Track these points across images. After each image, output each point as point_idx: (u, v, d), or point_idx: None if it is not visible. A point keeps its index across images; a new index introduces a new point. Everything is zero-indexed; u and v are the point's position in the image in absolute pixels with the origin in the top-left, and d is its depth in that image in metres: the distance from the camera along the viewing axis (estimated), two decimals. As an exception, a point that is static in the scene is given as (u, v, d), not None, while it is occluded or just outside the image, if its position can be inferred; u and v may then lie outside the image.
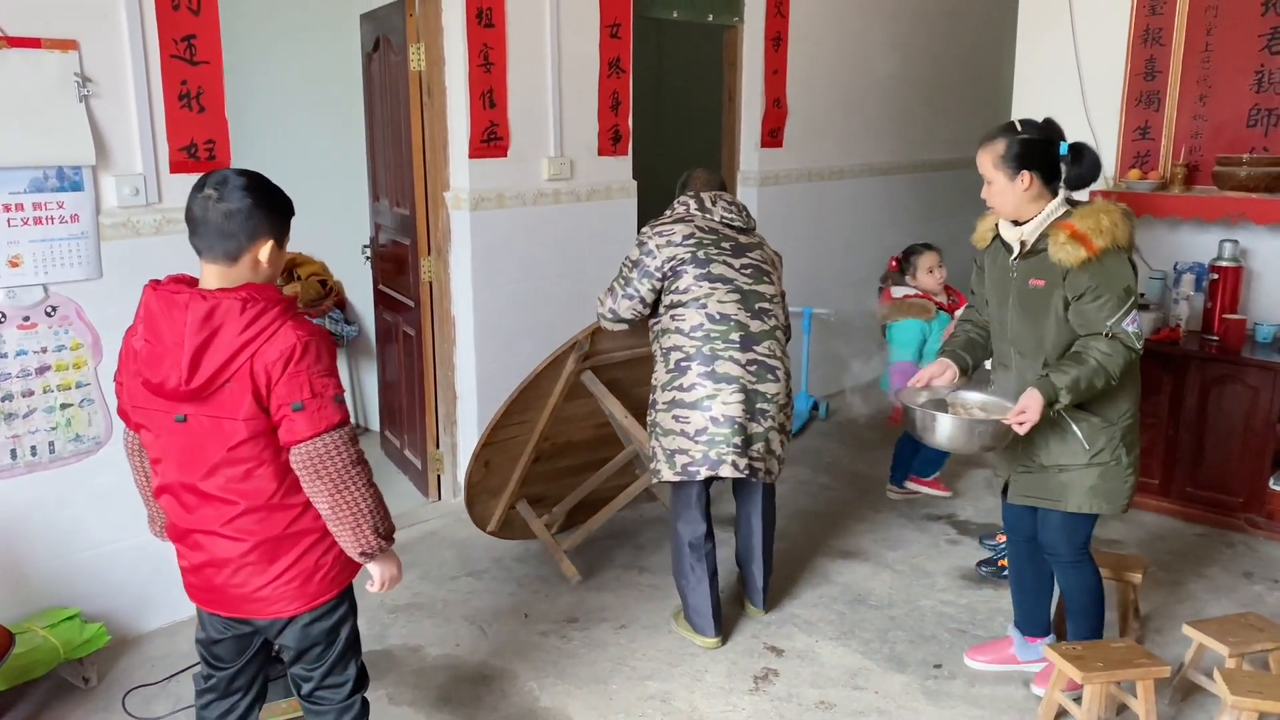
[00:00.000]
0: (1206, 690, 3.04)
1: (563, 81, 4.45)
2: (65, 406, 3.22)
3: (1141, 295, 2.84)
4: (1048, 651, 2.92)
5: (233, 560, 2.15)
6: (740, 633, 3.51)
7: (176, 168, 3.33)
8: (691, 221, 3.31)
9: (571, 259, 4.65)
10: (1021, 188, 2.79)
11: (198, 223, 2.07)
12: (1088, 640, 3.02)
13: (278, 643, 2.30)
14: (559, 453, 3.94)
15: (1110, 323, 2.73)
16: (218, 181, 2.08)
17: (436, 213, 4.34)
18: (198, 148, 3.38)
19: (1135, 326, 2.74)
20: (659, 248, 3.25)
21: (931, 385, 3.01)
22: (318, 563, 2.19)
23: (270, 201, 2.11)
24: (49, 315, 3.15)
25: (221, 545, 2.14)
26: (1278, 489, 4.23)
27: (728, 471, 3.20)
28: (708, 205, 3.35)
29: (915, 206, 6.67)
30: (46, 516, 3.23)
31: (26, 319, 3.12)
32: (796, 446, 5.26)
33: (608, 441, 3.91)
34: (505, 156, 4.31)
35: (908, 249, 4.59)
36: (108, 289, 3.23)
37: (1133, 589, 3.39)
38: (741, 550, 3.58)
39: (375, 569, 2.24)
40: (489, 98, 4.19)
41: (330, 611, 2.26)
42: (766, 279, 3.33)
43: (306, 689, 2.33)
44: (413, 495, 4.72)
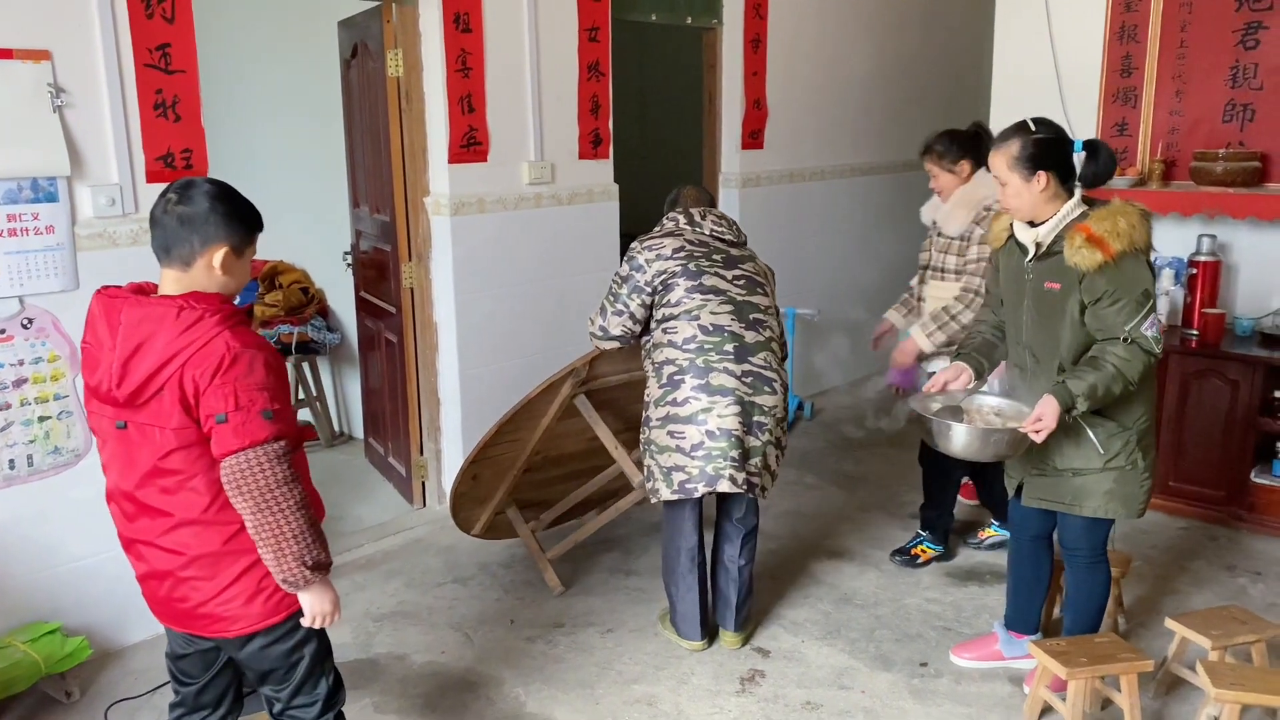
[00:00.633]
0: (1190, 683, 3.05)
1: (542, 85, 4.44)
2: (43, 419, 3.20)
3: None
4: (1032, 648, 2.92)
5: (172, 573, 2.10)
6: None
7: (153, 177, 3.31)
8: (681, 235, 3.26)
9: (554, 263, 4.64)
10: (1038, 188, 2.74)
11: (155, 225, 2.06)
12: (1080, 629, 3.03)
13: (237, 661, 2.25)
14: (551, 463, 3.92)
15: (1129, 327, 2.68)
16: (181, 186, 2.07)
17: (417, 218, 4.32)
18: (174, 157, 3.36)
19: (1154, 330, 2.69)
20: (649, 262, 3.20)
21: (947, 389, 2.97)
22: (261, 583, 2.11)
23: (229, 208, 2.07)
24: (25, 327, 3.13)
25: (160, 557, 2.10)
26: (1260, 482, 4.26)
27: (725, 486, 3.12)
28: (697, 220, 3.31)
29: (896, 206, 6.69)
30: (26, 530, 3.21)
31: (2, 331, 3.10)
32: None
33: (600, 452, 3.89)
34: (485, 161, 4.30)
35: None
36: (85, 300, 3.11)
37: (1116, 584, 3.40)
38: (715, 565, 3.42)
39: (304, 601, 2.13)
40: (468, 102, 4.19)
41: (286, 634, 2.19)
42: (760, 290, 3.27)
43: (277, 709, 2.29)
44: (397, 502, 4.70)
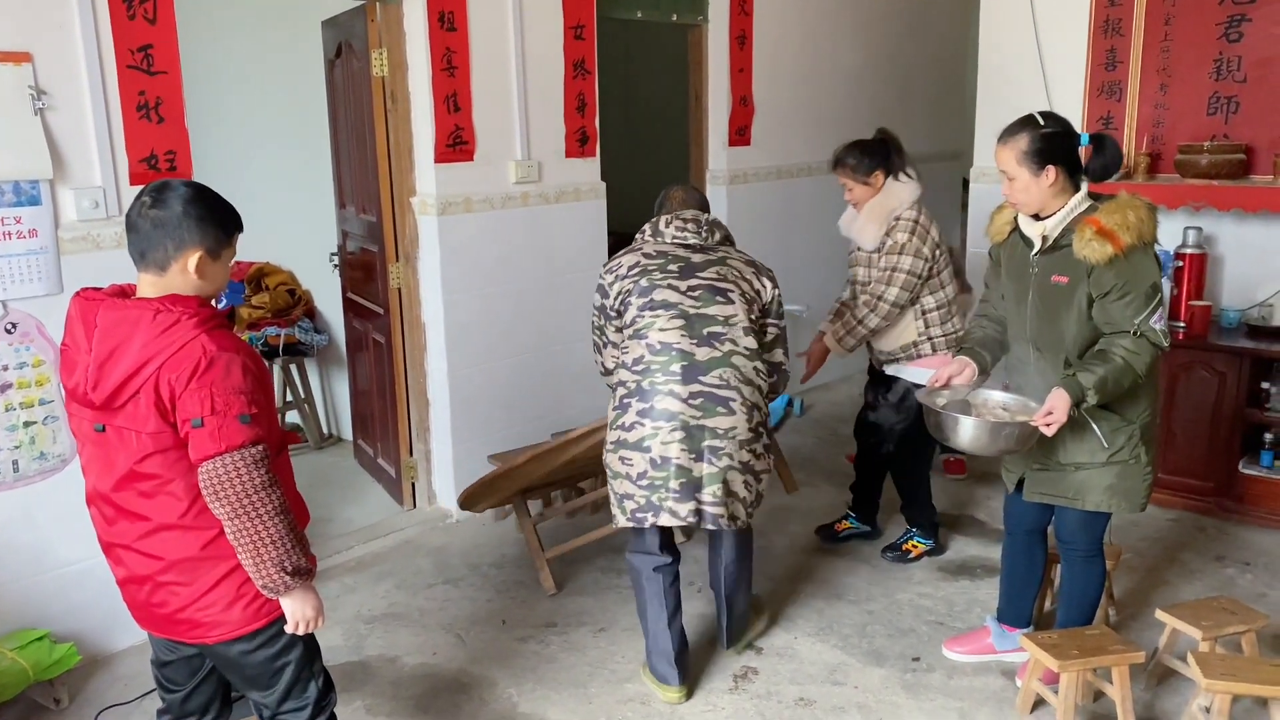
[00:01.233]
0: (1181, 674, 3.06)
1: (528, 84, 4.43)
2: (29, 424, 3.17)
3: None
4: (1024, 641, 2.93)
5: (150, 578, 2.09)
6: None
7: (137, 179, 3.29)
8: (639, 250, 3.08)
9: (541, 262, 4.63)
10: (1047, 183, 2.73)
11: (131, 229, 2.04)
12: (1073, 622, 3.04)
13: (220, 668, 2.23)
14: (567, 470, 3.90)
15: (1138, 321, 2.68)
16: (155, 189, 2.05)
17: (403, 218, 4.31)
18: (158, 159, 3.34)
19: (1162, 324, 2.70)
20: (609, 285, 3.05)
21: (951, 384, 2.96)
22: (240, 589, 2.09)
23: (204, 211, 2.04)
24: (9, 332, 3.10)
25: (138, 561, 2.09)
26: (1248, 473, 4.28)
27: (666, 520, 2.89)
28: (661, 228, 3.11)
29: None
30: (12, 537, 3.18)
31: (-14, 336, 3.07)
32: (772, 444, 5.26)
33: None
34: (471, 160, 4.29)
35: None
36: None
37: (1106, 576, 3.41)
38: (712, 583, 3.33)
39: (286, 606, 2.11)
40: (453, 102, 4.17)
41: (269, 640, 2.17)
42: (721, 299, 2.96)
43: (266, 715, 2.27)
44: (387, 504, 4.69)
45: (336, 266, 5.06)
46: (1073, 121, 4.70)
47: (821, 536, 4.20)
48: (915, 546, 3.99)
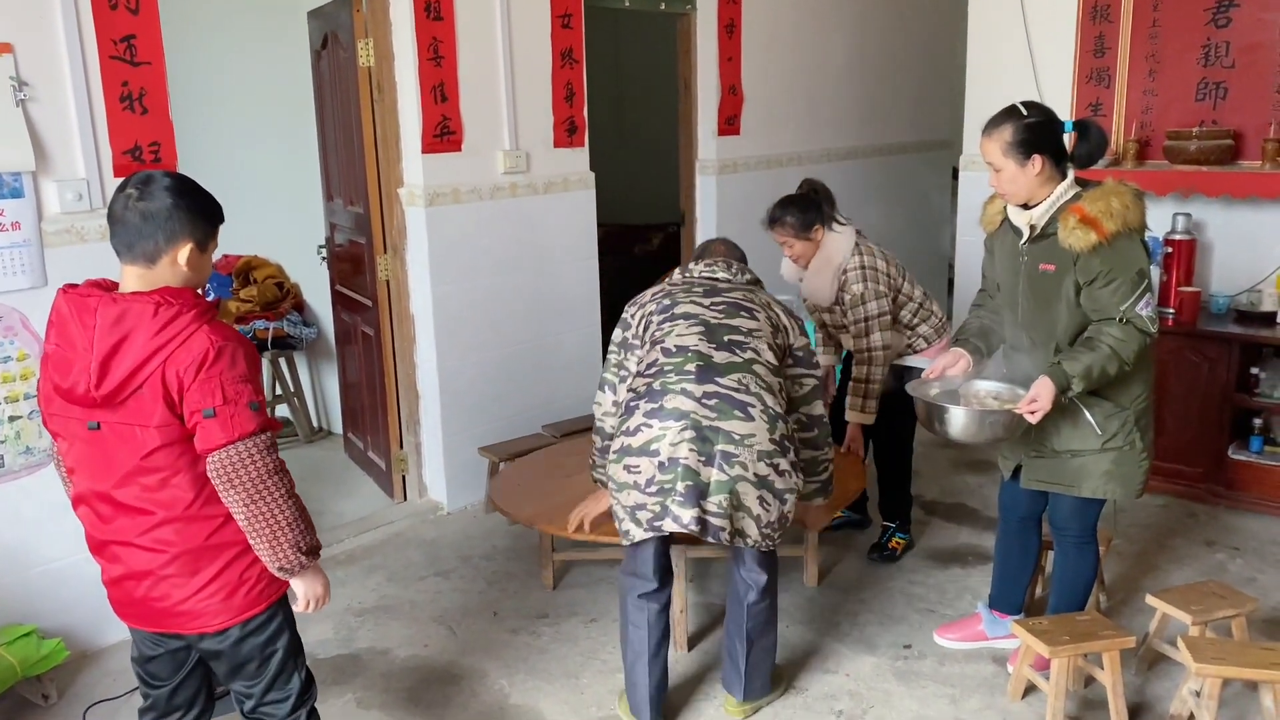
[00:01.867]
0: (1172, 659, 3.07)
1: (515, 73, 4.40)
2: (14, 419, 3.15)
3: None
4: (1015, 627, 2.93)
5: (152, 572, 2.08)
6: (710, 621, 3.49)
7: (121, 171, 3.26)
8: (665, 282, 3.00)
9: (530, 252, 4.61)
10: (1034, 172, 2.73)
11: (116, 222, 2.02)
12: (1066, 609, 3.05)
13: (209, 658, 2.22)
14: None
15: (1124, 307, 2.68)
16: (140, 181, 2.03)
17: (391, 210, 4.28)
18: (142, 150, 3.31)
19: (1149, 310, 2.69)
20: (633, 316, 2.91)
21: (945, 375, 2.97)
22: (242, 576, 2.11)
23: (192, 203, 2.04)
24: (-7, 326, 3.08)
25: (139, 556, 2.08)
26: (1237, 458, 4.29)
27: (669, 526, 2.63)
28: (691, 267, 3.01)
29: (874, 190, 6.69)
30: (-2, 532, 3.17)
31: (-31, 331, 3.05)
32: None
33: None
34: (459, 151, 4.27)
35: None
36: (52, 297, 3.13)
37: (1100, 562, 3.42)
38: (728, 621, 2.97)
39: (298, 586, 2.15)
40: (440, 91, 4.14)
41: (262, 626, 2.17)
42: (746, 314, 2.80)
43: (248, 706, 2.26)
44: (378, 496, 4.67)
45: (325, 259, 5.04)
46: (1062, 108, 4.77)
47: None
48: (899, 543, 3.98)
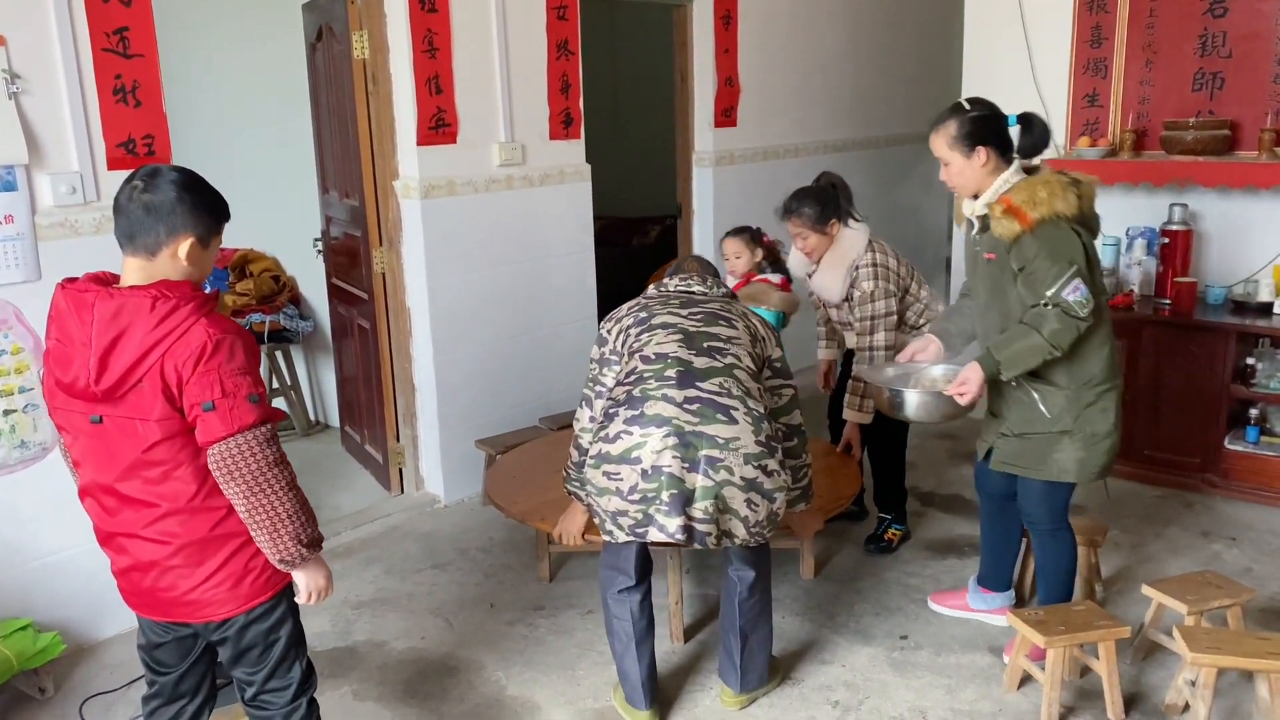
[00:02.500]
0: (1167, 648, 3.07)
1: (510, 65, 4.39)
2: (9, 413, 3.14)
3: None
4: (1010, 618, 2.94)
5: (158, 563, 2.09)
6: (706, 612, 3.49)
7: (114, 164, 3.25)
8: (642, 297, 2.96)
9: (526, 245, 4.60)
10: (979, 163, 2.82)
11: (120, 213, 2.03)
12: (1054, 599, 3.07)
13: (216, 644, 2.24)
14: None
15: (1049, 293, 2.73)
16: (147, 174, 2.04)
17: (386, 203, 4.27)
18: (136, 143, 3.30)
19: (1078, 295, 2.72)
20: (609, 331, 2.87)
21: (915, 359, 3.09)
22: (248, 565, 2.12)
23: (196, 198, 2.05)
24: (-13, 320, 3.08)
25: (145, 548, 2.09)
26: (1233, 448, 4.29)
27: (655, 536, 2.57)
28: (665, 282, 2.99)
29: (871, 182, 6.68)
30: (-6, 526, 3.16)
31: (-37, 324, 3.04)
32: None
33: None
34: (455, 143, 4.26)
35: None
36: (47, 291, 3.05)
37: (1093, 552, 3.42)
38: (723, 616, 3.00)
39: (300, 578, 2.17)
40: (435, 84, 4.13)
41: (266, 614, 2.19)
42: (724, 323, 2.77)
43: (250, 693, 2.27)
44: (375, 490, 4.67)
45: (320, 252, 5.03)
46: (1059, 98, 4.77)
47: None
48: (895, 534, 3.98)
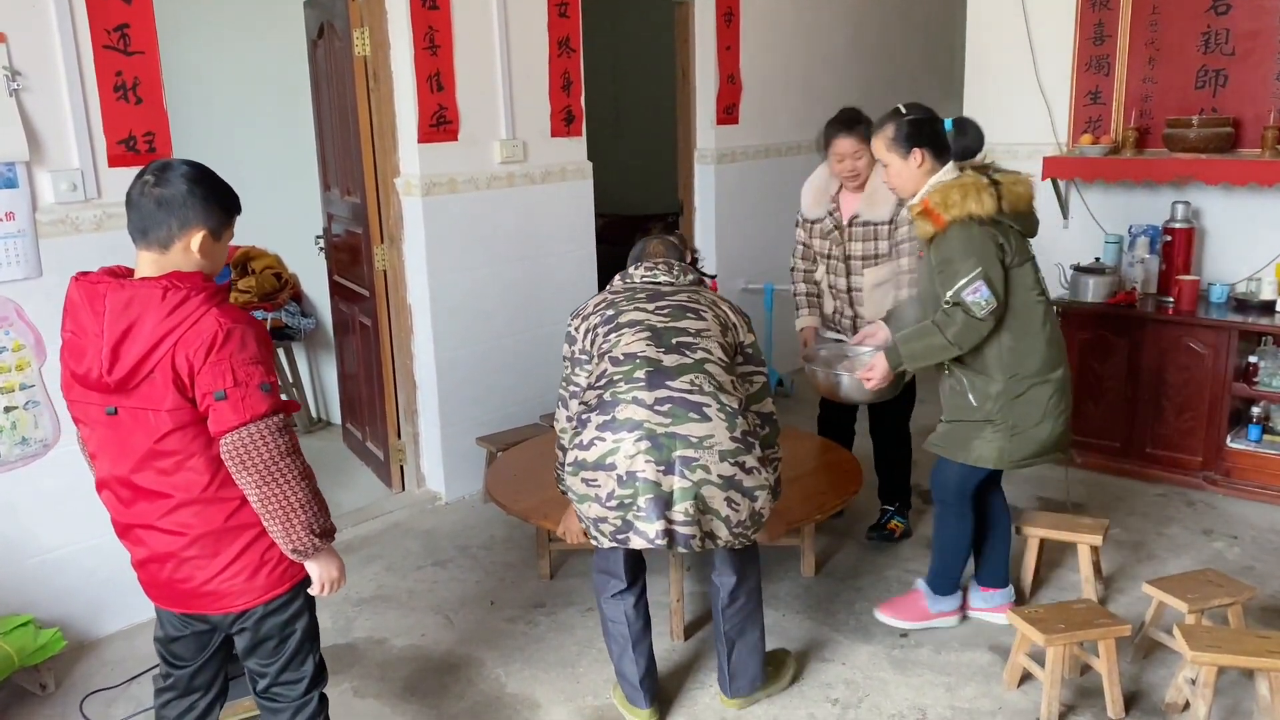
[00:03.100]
0: (1168, 647, 3.07)
1: (512, 63, 4.39)
2: (9, 409, 3.15)
3: (1005, 261, 2.92)
4: (1010, 616, 2.94)
5: (174, 554, 2.11)
6: (707, 610, 3.49)
7: (115, 161, 3.26)
8: (608, 291, 2.90)
9: (528, 242, 4.60)
10: (915, 164, 2.97)
11: (132, 207, 2.05)
12: (939, 580, 3.31)
13: (233, 635, 2.25)
14: None
15: (950, 293, 2.89)
16: (158, 168, 2.06)
17: (388, 200, 4.27)
18: (136, 140, 3.30)
19: (977, 297, 2.86)
20: (577, 329, 2.82)
21: (865, 343, 3.42)
22: (264, 556, 2.14)
23: (207, 192, 2.07)
24: (-12, 316, 3.08)
25: (160, 539, 2.10)
26: (1235, 447, 4.28)
27: (636, 543, 2.54)
28: (630, 273, 2.92)
29: (873, 179, 6.67)
30: (-5, 522, 3.17)
31: (-36, 321, 3.04)
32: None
33: None
34: (456, 140, 4.25)
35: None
36: (48, 288, 3.15)
37: (1094, 550, 3.42)
38: (714, 621, 2.98)
39: (313, 569, 2.18)
40: (436, 81, 4.13)
41: (284, 605, 2.21)
42: (693, 315, 2.71)
43: (262, 684, 2.28)
44: (376, 487, 4.67)
45: (322, 249, 5.03)
46: (1062, 96, 4.76)
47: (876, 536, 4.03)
48: (897, 526, 3.98)
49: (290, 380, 5.41)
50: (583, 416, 2.63)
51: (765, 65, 5.77)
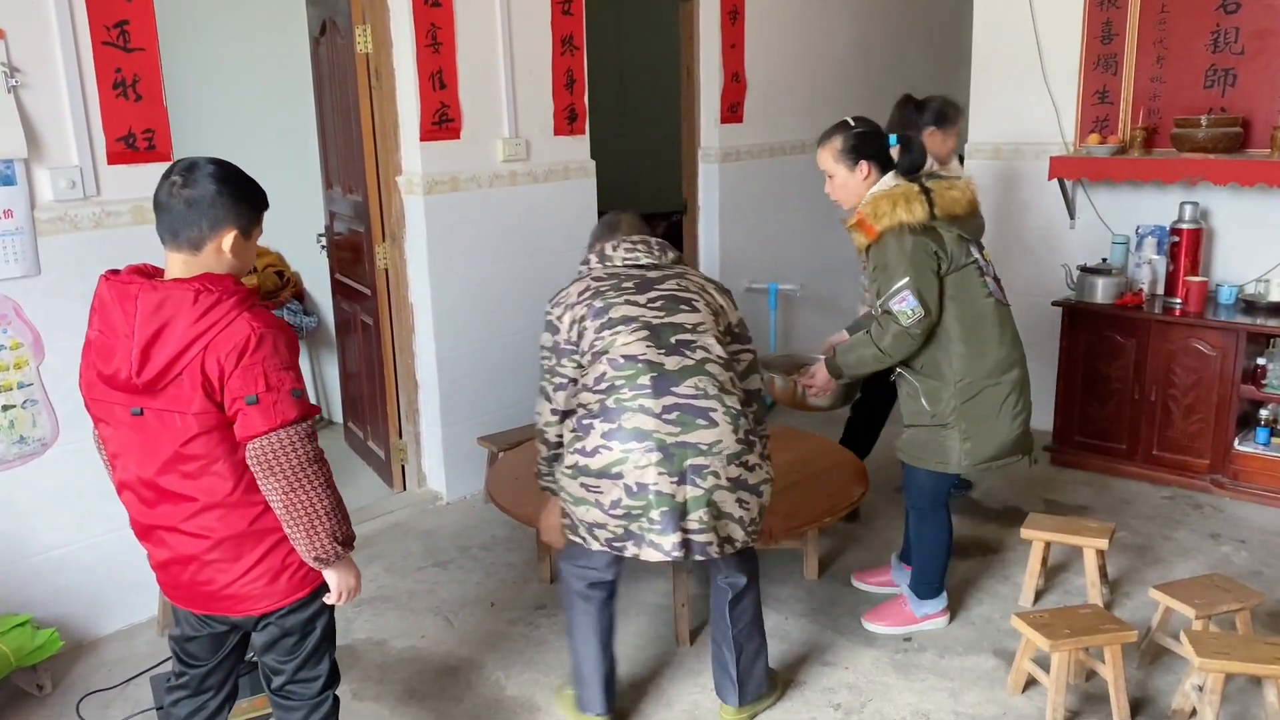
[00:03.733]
0: (1175, 653, 3.04)
1: (515, 61, 4.36)
2: (8, 408, 3.13)
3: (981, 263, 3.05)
4: (1015, 621, 2.91)
5: (196, 557, 2.09)
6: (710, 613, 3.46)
7: (114, 159, 3.24)
8: (587, 276, 2.79)
9: (530, 242, 4.58)
10: (861, 177, 3.01)
11: (161, 210, 2.02)
12: (921, 585, 3.29)
13: (254, 632, 2.24)
14: None
15: (879, 302, 2.95)
16: (185, 168, 2.04)
17: (390, 198, 4.25)
18: (136, 138, 3.28)
19: (903, 306, 2.91)
20: (559, 318, 2.70)
21: (829, 351, 3.35)
22: (285, 560, 2.12)
23: (236, 190, 2.05)
24: (-14, 315, 3.06)
25: (183, 542, 2.09)
26: (1243, 450, 4.25)
27: (650, 555, 2.51)
28: (608, 253, 2.81)
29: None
30: (-8, 522, 3.15)
31: (-38, 319, 3.03)
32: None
33: None
34: (458, 139, 4.23)
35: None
36: (47, 286, 3.13)
37: (1100, 554, 3.39)
38: (714, 627, 2.91)
39: (332, 577, 2.16)
40: (438, 79, 4.11)
41: (304, 605, 2.20)
42: (687, 307, 2.66)
43: (278, 682, 2.26)
44: (377, 486, 4.65)
45: (324, 247, 5.01)
46: (1069, 95, 4.72)
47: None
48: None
49: (292, 379, 5.39)
50: (584, 422, 2.57)
51: (770, 64, 5.73)
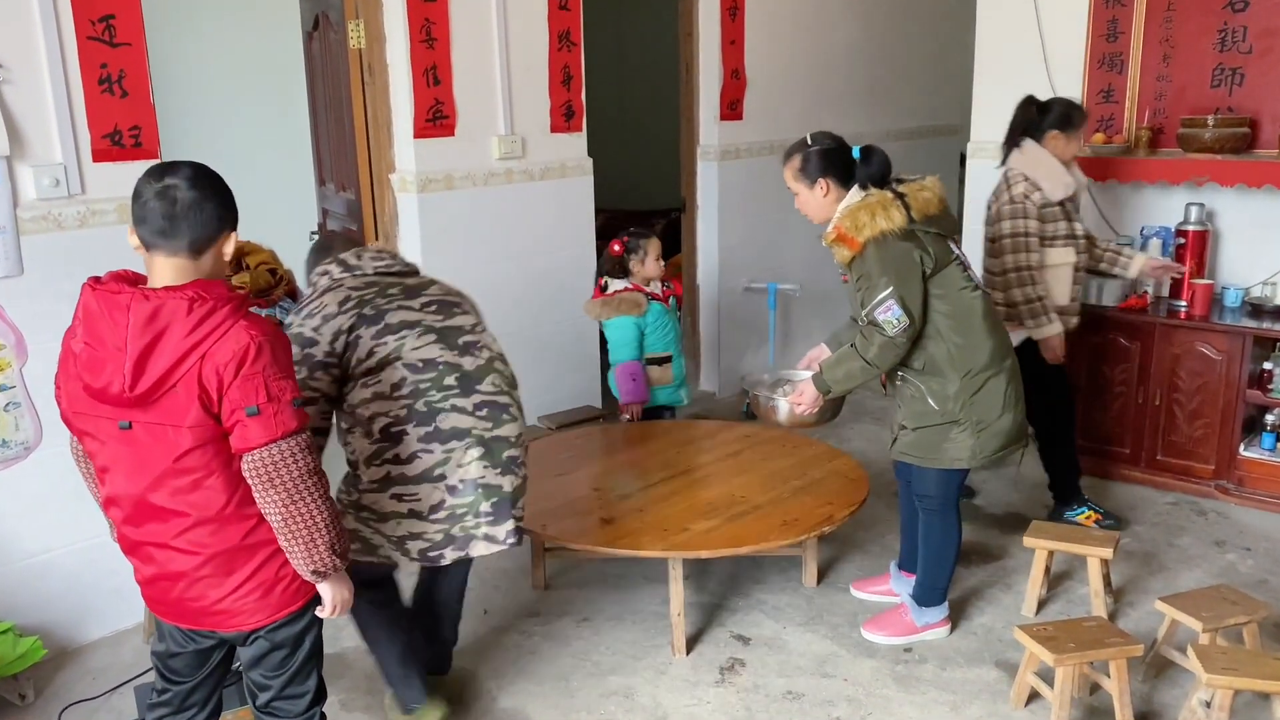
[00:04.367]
0: (1180, 666, 2.98)
1: (510, 57, 4.29)
2: (-10, 411, 3.07)
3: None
4: (1018, 634, 2.85)
5: (186, 574, 2.03)
6: (706, 621, 3.41)
7: (100, 156, 3.17)
8: (340, 286, 2.65)
9: (526, 240, 4.51)
10: (821, 194, 3.01)
11: (153, 214, 1.93)
12: (925, 592, 3.24)
13: (242, 647, 2.19)
14: None
15: (864, 312, 2.94)
16: (175, 170, 1.96)
17: (383, 196, 4.19)
18: (122, 135, 3.21)
19: (888, 315, 2.89)
20: (318, 329, 2.54)
21: (811, 366, 3.32)
22: (278, 574, 2.07)
23: (224, 192, 2.01)
24: (-33, 316, 2.99)
25: (174, 558, 2.03)
26: (1249, 455, 4.19)
27: (482, 549, 2.60)
28: (352, 263, 2.71)
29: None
30: (-26, 527, 3.09)
31: (-58, 321, 2.96)
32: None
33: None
34: (453, 136, 4.16)
35: (633, 233, 4.17)
36: (29, 286, 3.07)
37: (1104, 564, 3.33)
38: (432, 606, 2.99)
39: (326, 590, 2.12)
40: (433, 74, 4.04)
41: (295, 619, 2.15)
42: (459, 310, 2.72)
43: (264, 698, 2.21)
44: (370, 488, 4.59)
45: (317, 245, 4.94)
46: (1073, 94, 4.65)
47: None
48: (1093, 516, 4.00)
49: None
50: (393, 430, 2.54)
51: (770, 60, 5.66)
